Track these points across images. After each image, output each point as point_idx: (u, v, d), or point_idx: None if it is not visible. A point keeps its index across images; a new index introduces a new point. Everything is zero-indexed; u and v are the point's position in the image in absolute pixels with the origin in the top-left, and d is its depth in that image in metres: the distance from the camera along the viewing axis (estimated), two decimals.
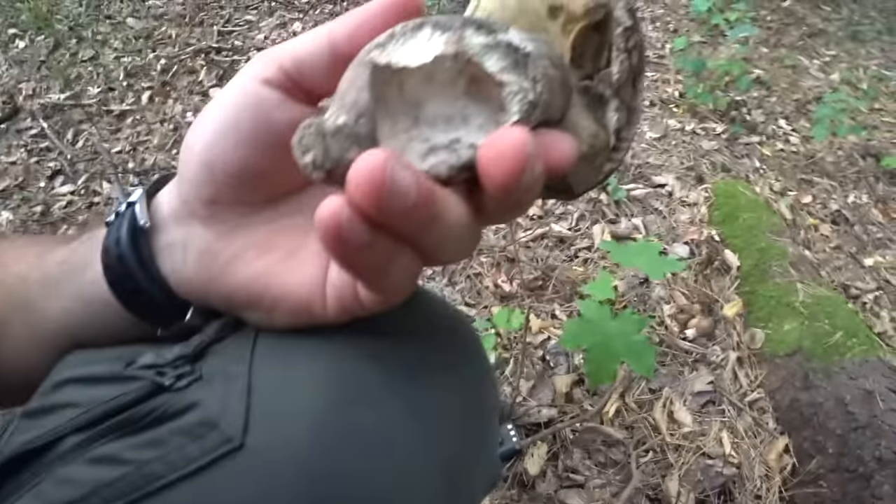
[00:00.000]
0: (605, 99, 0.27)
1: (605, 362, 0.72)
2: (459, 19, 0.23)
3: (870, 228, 2.11)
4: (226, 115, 0.26)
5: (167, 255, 0.29)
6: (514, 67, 0.24)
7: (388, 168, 0.18)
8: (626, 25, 0.26)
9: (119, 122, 2.12)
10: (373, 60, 0.21)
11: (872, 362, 1.31)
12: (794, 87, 3.06)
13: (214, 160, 0.26)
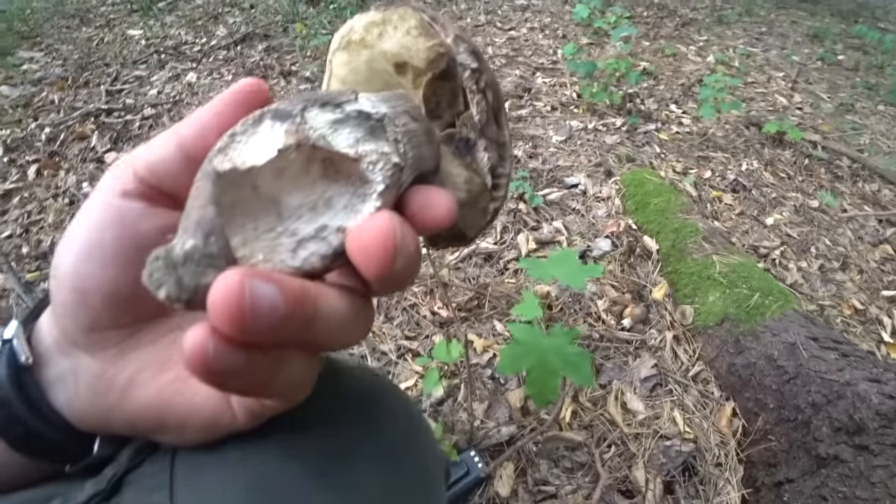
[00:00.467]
0: (471, 142, 0.27)
1: (545, 380, 0.72)
2: (301, 101, 0.22)
3: (765, 191, 2.29)
4: (89, 235, 0.25)
5: (59, 388, 0.27)
6: (370, 135, 0.23)
7: (246, 288, 0.17)
8: (473, 68, 0.26)
9: (5, 203, 1.93)
10: (215, 169, 0.20)
11: (790, 315, 1.41)
12: (677, 74, 3.32)
13: (84, 285, 0.25)
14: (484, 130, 0.27)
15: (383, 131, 0.24)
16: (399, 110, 0.25)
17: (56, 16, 3.19)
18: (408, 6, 0.26)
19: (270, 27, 3.14)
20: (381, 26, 0.27)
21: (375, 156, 0.23)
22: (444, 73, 0.26)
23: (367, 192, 0.22)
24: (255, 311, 0.17)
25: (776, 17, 5.23)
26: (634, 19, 4.05)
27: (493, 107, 0.27)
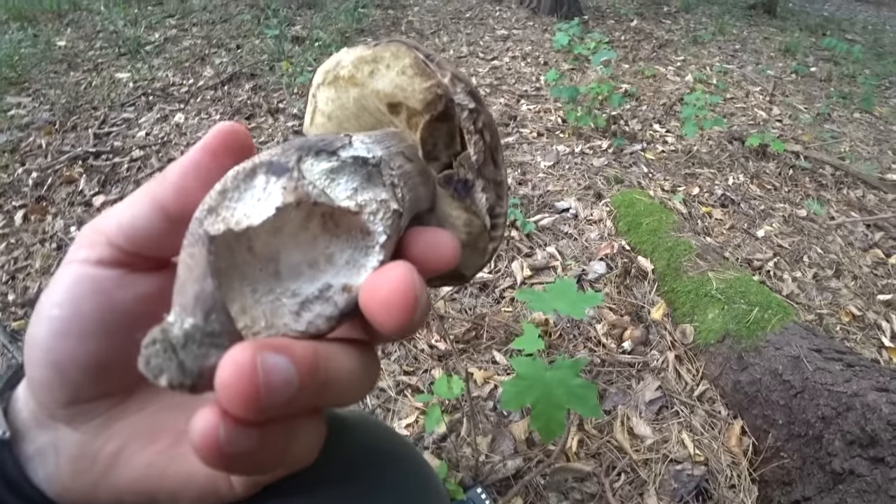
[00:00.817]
0: (469, 183, 0.26)
1: (551, 414, 0.70)
2: (294, 151, 0.21)
3: (753, 203, 2.32)
4: (63, 309, 0.23)
5: (38, 463, 0.25)
6: (367, 182, 0.22)
7: (258, 365, 0.16)
8: (471, 108, 0.25)
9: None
10: (207, 233, 0.19)
11: (791, 328, 1.40)
12: (658, 94, 3.39)
13: (62, 360, 0.23)
14: (481, 170, 0.26)
15: (380, 176, 0.23)
16: (393, 151, 0.25)
17: (44, 61, 3.21)
18: (401, 43, 0.25)
19: (257, 66, 3.18)
20: (373, 64, 0.25)
21: (375, 205, 0.22)
22: (442, 115, 0.25)
23: (369, 245, 0.21)
24: (269, 387, 0.16)
25: (748, 34, 5.40)
26: (613, 44, 4.16)
27: (490, 146, 0.26)
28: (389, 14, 4.50)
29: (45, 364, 0.23)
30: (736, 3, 7.21)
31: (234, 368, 0.16)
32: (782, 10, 6.93)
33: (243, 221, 0.19)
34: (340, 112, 0.28)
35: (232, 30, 3.86)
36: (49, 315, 0.23)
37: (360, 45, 0.26)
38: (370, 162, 0.23)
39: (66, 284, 0.23)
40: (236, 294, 0.19)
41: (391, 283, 0.19)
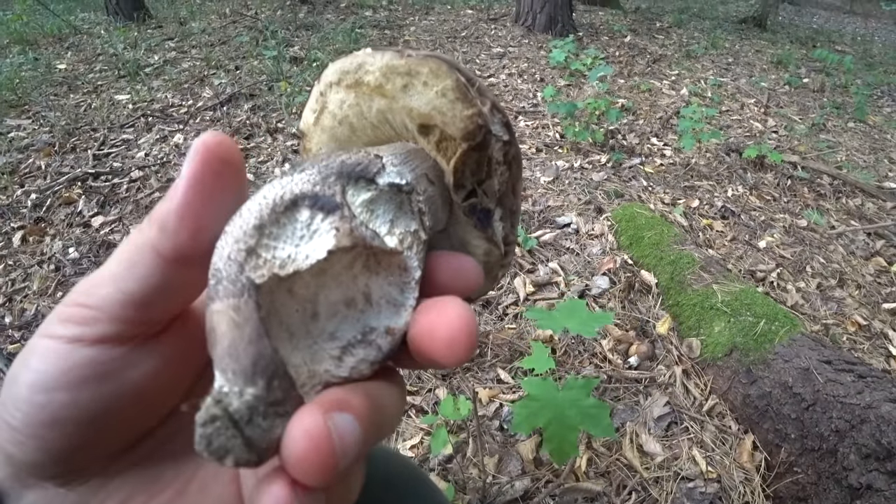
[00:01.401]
0: (491, 212, 0.26)
1: (564, 436, 0.69)
2: (335, 178, 0.20)
3: (753, 214, 2.32)
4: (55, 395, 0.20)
5: None
6: (399, 210, 0.22)
7: (333, 432, 0.16)
8: (505, 140, 0.25)
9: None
10: (252, 282, 0.17)
11: (799, 339, 1.39)
12: (654, 108, 3.41)
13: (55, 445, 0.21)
14: (502, 200, 0.26)
15: (409, 203, 0.22)
16: (419, 173, 0.24)
17: (44, 84, 3.24)
18: (440, 60, 0.23)
19: (255, 87, 3.20)
20: (407, 78, 0.23)
21: (409, 238, 0.21)
22: (479, 145, 0.24)
23: (406, 282, 0.21)
24: (344, 451, 0.16)
25: (740, 47, 5.47)
26: (608, 59, 4.21)
27: (514, 178, 0.27)
28: (386, 34, 4.56)
29: (33, 449, 0.21)
30: (726, 17, 7.34)
31: (309, 440, 0.15)
32: (772, 24, 7.05)
33: (289, 265, 0.18)
34: (357, 120, 0.26)
35: (231, 51, 3.90)
36: (34, 401, 0.20)
37: (389, 51, 0.24)
38: (404, 189, 0.22)
39: (55, 368, 0.20)
40: (274, 340, 0.17)
41: (452, 323, 0.19)
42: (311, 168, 0.20)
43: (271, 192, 0.19)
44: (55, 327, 0.21)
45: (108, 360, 0.21)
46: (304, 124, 0.28)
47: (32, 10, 4.66)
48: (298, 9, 5.30)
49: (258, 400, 0.16)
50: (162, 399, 0.23)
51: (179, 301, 0.22)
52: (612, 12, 6.37)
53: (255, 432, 0.16)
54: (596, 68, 2.68)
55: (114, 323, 0.20)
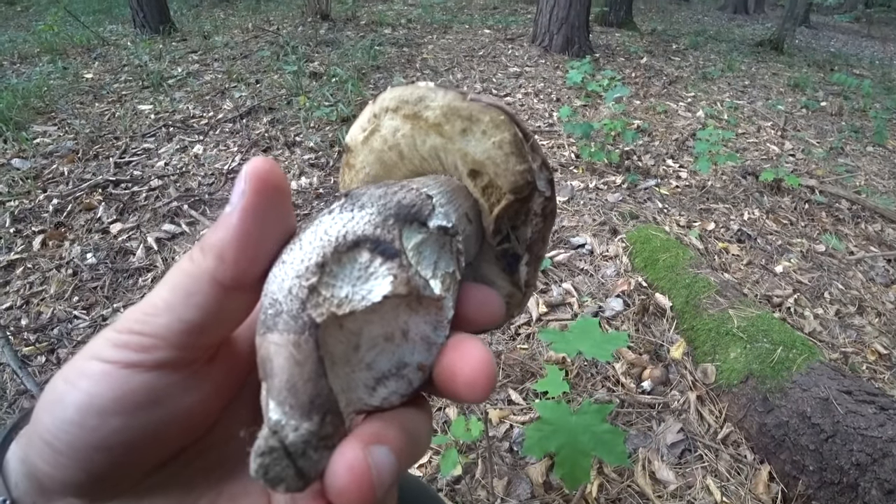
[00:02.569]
0: (520, 257, 0.27)
1: (576, 461, 0.68)
2: (393, 221, 0.21)
3: (770, 238, 2.29)
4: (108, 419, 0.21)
5: None
6: (441, 251, 0.23)
7: (372, 466, 0.17)
8: (547, 196, 0.26)
9: (7, 273, 1.87)
10: (314, 321, 0.18)
11: (817, 368, 1.36)
12: (670, 130, 3.41)
13: (99, 469, 0.21)
14: (532, 247, 0.27)
15: (450, 244, 0.23)
16: (461, 213, 0.25)
17: (71, 92, 3.33)
18: (501, 111, 0.24)
19: (275, 101, 3.26)
20: (467, 123, 0.24)
21: (448, 281, 0.22)
22: (524, 199, 0.26)
23: (440, 321, 0.22)
24: (381, 482, 0.17)
25: (757, 70, 5.46)
26: (624, 81, 4.22)
27: (546, 228, 0.28)
28: (404, 52, 4.62)
29: (75, 470, 0.21)
30: (743, 40, 7.34)
31: (352, 474, 0.17)
32: (789, 47, 7.04)
33: (346, 305, 0.19)
34: (408, 150, 0.27)
35: (252, 65, 3.98)
36: (84, 424, 0.20)
37: (452, 91, 0.24)
38: (449, 232, 0.23)
39: (116, 393, 0.20)
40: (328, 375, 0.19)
41: (474, 365, 0.20)
42: (371, 206, 0.21)
43: (333, 230, 0.20)
44: (108, 352, 0.21)
45: (163, 386, 0.21)
46: (351, 140, 0.28)
47: (63, 22, 4.81)
48: (319, 25, 5.41)
49: (312, 435, 0.17)
50: (203, 420, 0.24)
51: (232, 326, 0.23)
52: (629, 34, 6.41)
53: (307, 464, 0.17)
54: (612, 89, 2.69)
55: (173, 350, 0.21)
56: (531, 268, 0.28)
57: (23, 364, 1.50)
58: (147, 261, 1.95)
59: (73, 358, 0.22)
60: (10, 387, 1.46)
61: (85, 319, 1.70)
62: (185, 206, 2.25)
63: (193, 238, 2.07)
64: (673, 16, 9.49)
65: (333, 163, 2.62)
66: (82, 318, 1.71)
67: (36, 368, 1.53)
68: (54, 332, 1.65)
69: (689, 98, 4.14)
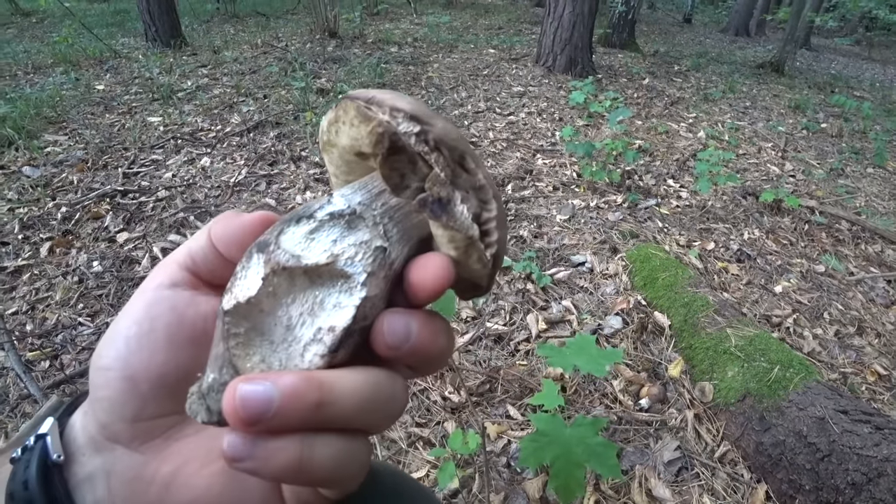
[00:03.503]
0: (444, 200, 0.27)
1: (570, 472, 0.69)
2: (280, 224, 0.26)
3: (769, 258, 2.30)
4: (140, 326, 0.26)
5: (87, 489, 0.26)
6: (348, 229, 0.26)
7: (235, 394, 0.21)
8: (416, 132, 0.26)
9: (14, 279, 1.91)
10: (223, 308, 0.24)
11: (814, 388, 1.37)
12: (671, 150, 3.45)
13: (135, 373, 0.26)
14: (455, 183, 0.27)
15: (362, 220, 0.26)
16: (376, 191, 0.28)
17: (82, 103, 3.39)
18: (348, 98, 0.27)
19: (282, 116, 3.32)
20: (336, 125, 0.28)
21: (353, 250, 0.25)
22: (393, 149, 0.26)
23: (351, 286, 0.25)
24: (245, 406, 0.21)
25: (758, 91, 5.53)
26: (626, 101, 4.28)
27: (454, 158, 0.27)
28: (410, 70, 4.70)
29: (118, 379, 0.26)
30: (744, 62, 7.44)
31: (225, 398, 0.22)
32: (790, 69, 7.12)
33: (244, 295, 0.24)
34: (339, 170, 0.31)
35: (260, 80, 4.05)
36: (126, 334, 0.26)
37: (331, 108, 0.29)
38: (345, 213, 0.26)
39: (144, 305, 0.26)
40: (257, 349, 0.24)
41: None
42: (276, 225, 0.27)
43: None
44: (149, 280, 0.26)
45: (177, 299, 0.27)
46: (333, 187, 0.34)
47: (77, 34, 4.91)
48: (327, 42, 5.51)
49: (214, 381, 0.23)
50: None
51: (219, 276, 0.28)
52: (632, 55, 6.50)
53: (212, 401, 0.23)
54: (615, 111, 2.73)
55: (181, 270, 0.27)
56: (472, 202, 0.27)
57: (27, 369, 1.52)
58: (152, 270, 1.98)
59: (135, 295, 0.27)
60: (13, 391, 1.48)
61: (89, 326, 1.72)
62: (192, 217, 2.28)
63: None
64: (675, 37, 9.62)
65: None
66: (87, 325, 1.72)
67: (39, 374, 1.54)
68: (58, 338, 1.67)
69: (690, 119, 4.19)
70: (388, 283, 0.26)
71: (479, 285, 0.30)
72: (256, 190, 2.54)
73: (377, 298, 0.26)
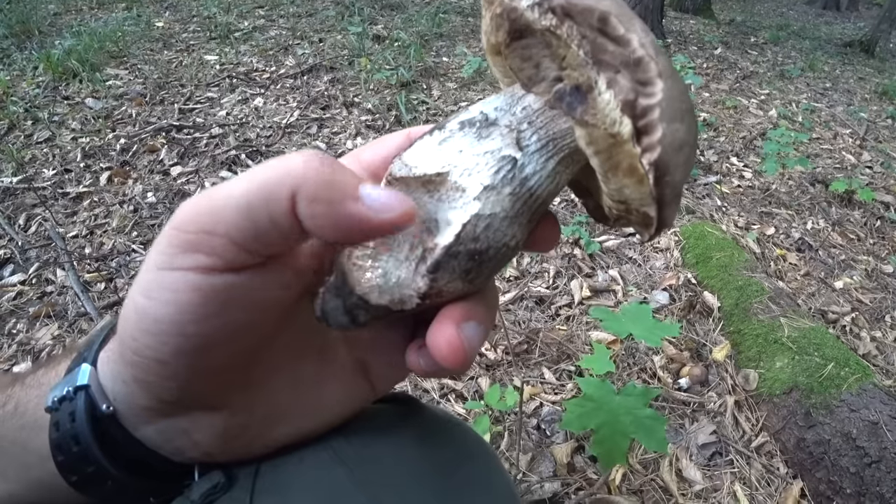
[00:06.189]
0: (585, 86, 0.21)
1: (615, 442, 0.67)
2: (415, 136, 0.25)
3: (832, 252, 2.17)
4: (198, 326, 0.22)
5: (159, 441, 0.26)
6: (478, 139, 0.23)
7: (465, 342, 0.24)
8: (537, 2, 0.21)
9: (75, 204, 2.00)
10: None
11: (870, 391, 1.29)
12: (738, 126, 3.24)
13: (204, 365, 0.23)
14: (599, 60, 0.20)
15: (495, 127, 0.22)
16: (520, 94, 0.23)
17: (143, 39, 3.44)
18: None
19: (337, 60, 3.28)
20: (484, 22, 0.25)
21: (473, 160, 0.22)
22: (517, 32, 0.22)
23: (465, 201, 0.22)
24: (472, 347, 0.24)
25: (841, 72, 5.09)
26: (696, 70, 4.02)
27: (591, 24, 0.20)
28: (469, 21, 4.54)
29: (185, 369, 0.23)
30: (830, 38, 6.84)
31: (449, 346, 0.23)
32: (882, 51, 6.50)
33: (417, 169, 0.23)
34: (503, 78, 0.28)
35: (316, 24, 4.00)
36: (185, 333, 0.22)
37: None
38: (476, 120, 0.23)
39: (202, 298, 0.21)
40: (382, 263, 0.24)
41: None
42: None
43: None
44: (181, 258, 0.21)
45: (238, 284, 0.22)
46: None
47: None
48: None
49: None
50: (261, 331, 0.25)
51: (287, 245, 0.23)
52: (705, 22, 6.07)
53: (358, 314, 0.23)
54: (683, 77, 2.56)
55: (237, 251, 0.21)
56: (625, 82, 0.20)
57: (84, 289, 1.61)
58: None
59: (143, 269, 0.22)
60: (71, 308, 1.57)
61: (142, 254, 1.80)
62: (243, 155, 2.32)
63: None
64: (755, 6, 8.90)
65: (389, 126, 2.63)
66: (139, 252, 1.81)
67: (95, 294, 1.63)
68: (113, 263, 1.75)
69: (762, 95, 3.91)
70: (521, 203, 0.22)
71: (646, 214, 0.22)
72: (308, 133, 2.54)
73: (497, 218, 0.21)
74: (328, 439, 0.29)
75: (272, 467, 0.28)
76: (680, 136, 0.20)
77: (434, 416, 0.35)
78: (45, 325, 1.51)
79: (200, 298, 0.21)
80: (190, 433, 0.26)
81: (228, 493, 0.27)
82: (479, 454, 0.34)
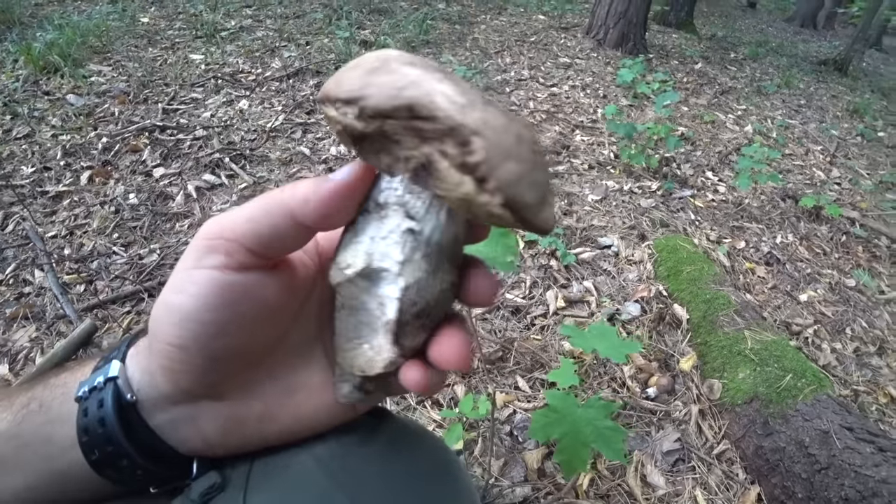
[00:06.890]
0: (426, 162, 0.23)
1: (576, 451, 0.72)
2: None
3: (799, 266, 2.25)
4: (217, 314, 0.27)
5: (169, 430, 0.30)
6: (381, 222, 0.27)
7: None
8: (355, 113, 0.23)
9: (55, 204, 1.97)
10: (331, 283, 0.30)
11: (823, 401, 1.36)
12: (714, 141, 3.34)
13: (215, 352, 0.28)
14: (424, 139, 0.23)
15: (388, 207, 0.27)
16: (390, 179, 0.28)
17: (127, 35, 3.39)
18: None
19: (323, 64, 3.29)
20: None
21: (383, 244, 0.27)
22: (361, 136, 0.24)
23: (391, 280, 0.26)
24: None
25: (815, 89, 5.26)
26: (676, 85, 4.12)
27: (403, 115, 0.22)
28: (456, 29, 4.58)
29: (198, 356, 0.28)
30: (806, 56, 7.04)
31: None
32: (854, 70, 6.73)
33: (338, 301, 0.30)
34: None
35: (303, 26, 4.00)
36: (201, 319, 0.27)
37: None
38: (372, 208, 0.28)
39: (217, 290, 0.26)
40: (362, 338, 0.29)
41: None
42: None
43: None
44: (206, 259, 0.27)
45: (248, 281, 0.27)
46: None
47: None
48: None
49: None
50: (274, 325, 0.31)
51: (287, 251, 0.29)
52: (687, 37, 6.21)
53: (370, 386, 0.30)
54: (662, 94, 2.64)
55: (248, 254, 0.27)
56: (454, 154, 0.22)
57: (64, 290, 1.59)
58: (185, 207, 2.02)
59: (174, 273, 0.28)
60: (49, 310, 1.55)
61: (122, 256, 1.77)
62: (227, 158, 2.32)
63: (231, 190, 2.13)
64: (736, 22, 9.12)
65: None
66: (120, 254, 1.78)
67: (74, 296, 1.61)
68: (94, 264, 1.73)
69: (739, 111, 4.03)
70: (435, 257, 0.25)
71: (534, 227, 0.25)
72: (292, 137, 2.55)
73: (423, 280, 0.25)
74: (311, 445, 0.33)
75: (263, 470, 0.32)
76: (515, 170, 0.22)
77: (405, 425, 0.38)
78: (22, 326, 1.50)
79: (218, 290, 0.26)
80: (196, 420, 0.30)
81: (224, 492, 0.31)
82: (445, 461, 0.38)
